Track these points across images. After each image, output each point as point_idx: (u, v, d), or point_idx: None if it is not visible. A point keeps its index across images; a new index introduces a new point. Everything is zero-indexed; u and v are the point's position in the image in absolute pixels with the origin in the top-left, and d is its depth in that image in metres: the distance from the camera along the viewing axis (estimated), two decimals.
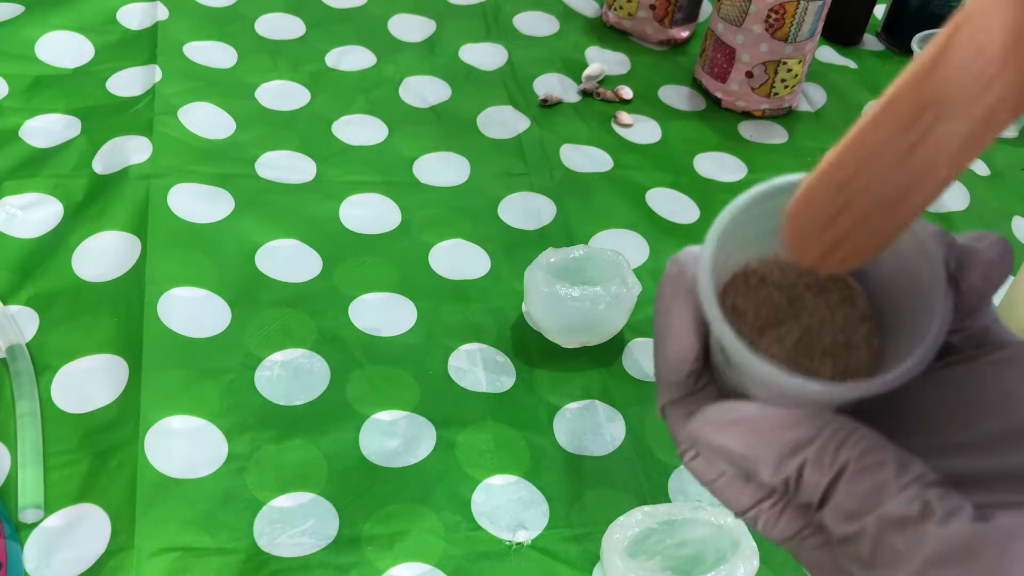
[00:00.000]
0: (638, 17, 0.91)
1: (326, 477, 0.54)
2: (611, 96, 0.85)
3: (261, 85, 0.79)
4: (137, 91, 0.75)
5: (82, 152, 0.70)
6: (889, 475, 0.24)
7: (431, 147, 0.77)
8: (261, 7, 0.87)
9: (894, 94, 0.23)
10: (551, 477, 0.56)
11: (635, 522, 0.50)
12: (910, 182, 0.23)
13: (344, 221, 0.69)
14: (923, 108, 0.22)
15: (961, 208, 0.80)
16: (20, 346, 0.56)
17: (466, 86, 0.83)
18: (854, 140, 0.23)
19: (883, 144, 0.23)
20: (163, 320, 0.59)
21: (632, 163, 0.79)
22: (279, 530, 0.51)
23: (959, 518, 0.23)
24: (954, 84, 0.22)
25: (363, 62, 0.84)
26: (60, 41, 0.79)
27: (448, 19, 0.90)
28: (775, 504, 0.27)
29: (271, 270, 0.64)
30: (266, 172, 0.71)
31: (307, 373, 0.58)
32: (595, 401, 0.60)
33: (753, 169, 0.81)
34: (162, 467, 0.52)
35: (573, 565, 0.52)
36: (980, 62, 0.22)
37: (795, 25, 0.80)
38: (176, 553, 0.49)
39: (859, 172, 0.23)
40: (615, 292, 0.59)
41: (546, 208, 0.73)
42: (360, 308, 0.63)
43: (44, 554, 0.48)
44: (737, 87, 0.84)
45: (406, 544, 0.51)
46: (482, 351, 0.62)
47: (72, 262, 0.62)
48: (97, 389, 0.56)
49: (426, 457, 0.55)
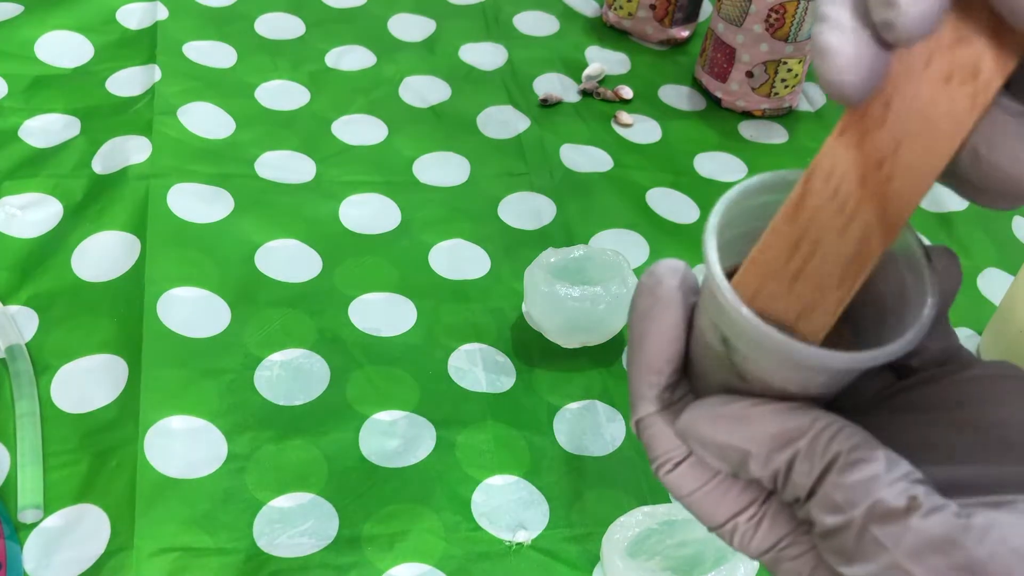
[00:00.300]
0: (638, 17, 0.91)
1: (326, 477, 0.53)
2: (611, 96, 0.85)
3: (261, 85, 0.79)
4: (137, 91, 0.75)
5: (82, 152, 0.70)
6: (879, 469, 0.24)
7: (431, 147, 0.77)
8: (261, 7, 0.87)
9: (772, 226, 0.25)
10: (551, 477, 0.55)
11: (635, 522, 0.50)
12: (806, 303, 0.25)
13: (344, 221, 0.69)
14: (798, 243, 0.24)
15: (960, 208, 0.80)
16: (20, 346, 0.56)
17: (466, 86, 0.83)
18: (752, 259, 0.25)
19: (774, 266, 0.25)
20: (163, 320, 0.59)
21: (632, 163, 0.79)
22: (279, 530, 0.51)
23: (943, 513, 0.23)
24: (818, 222, 0.24)
25: (363, 62, 0.84)
26: (60, 41, 0.79)
27: (448, 19, 0.90)
28: (752, 516, 0.27)
29: (271, 270, 0.64)
30: (266, 172, 0.71)
31: (307, 373, 0.58)
32: (595, 401, 0.60)
33: (753, 169, 0.81)
34: (162, 467, 0.52)
35: (573, 565, 0.52)
36: (836, 202, 0.24)
37: (795, 25, 0.80)
38: (176, 553, 0.49)
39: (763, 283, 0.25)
40: (615, 292, 0.59)
41: (546, 208, 0.73)
42: (360, 308, 0.63)
43: (44, 554, 0.48)
44: (737, 87, 0.84)
45: (406, 544, 0.51)
46: (482, 351, 0.62)
47: (72, 262, 0.62)
48: (97, 389, 0.56)
49: (426, 457, 0.55)
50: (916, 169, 0.23)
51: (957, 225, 0.78)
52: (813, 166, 0.24)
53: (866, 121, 0.23)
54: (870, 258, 0.24)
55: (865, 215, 0.24)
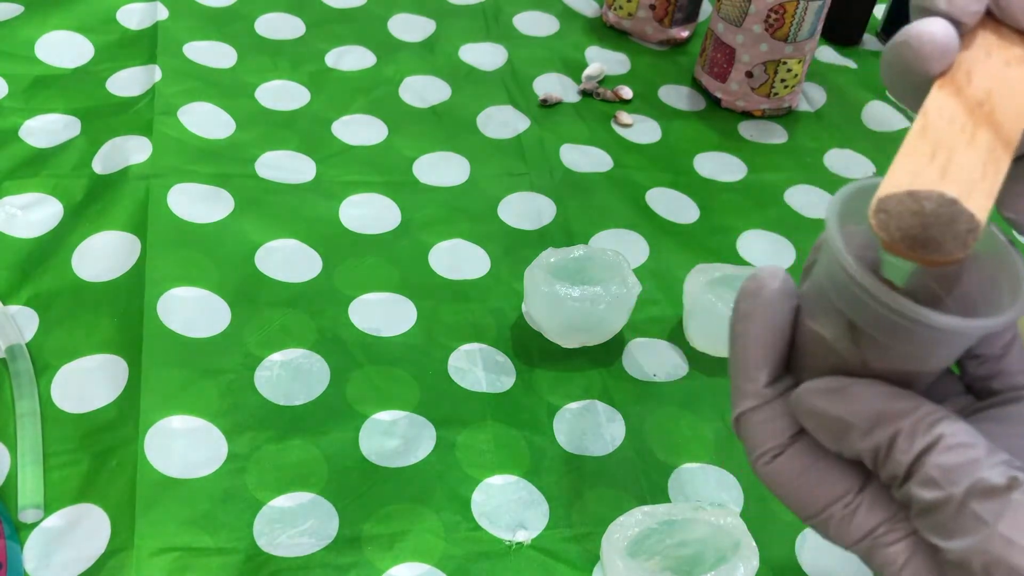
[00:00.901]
0: (638, 17, 0.91)
1: (326, 477, 0.54)
2: (611, 96, 0.85)
3: (261, 85, 0.79)
4: (137, 91, 0.75)
5: (82, 152, 0.70)
6: (980, 453, 0.26)
7: (431, 147, 0.77)
8: (261, 7, 0.87)
9: (906, 143, 0.29)
10: (551, 477, 0.56)
11: (635, 522, 0.50)
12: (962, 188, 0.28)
13: (344, 221, 0.69)
14: (934, 151, 0.29)
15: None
16: (20, 346, 0.56)
17: (466, 86, 0.83)
18: (896, 164, 0.29)
19: (921, 164, 0.29)
20: (163, 320, 0.59)
21: (632, 163, 0.79)
22: (279, 530, 0.51)
23: None
24: (946, 139, 0.29)
25: (363, 62, 0.84)
26: (60, 41, 0.79)
27: (448, 19, 0.90)
28: (849, 504, 0.29)
29: (271, 270, 0.64)
30: (266, 172, 0.71)
31: (307, 373, 0.58)
32: (595, 401, 0.60)
33: (753, 169, 0.81)
34: (162, 467, 0.52)
35: (573, 565, 0.52)
36: (956, 126, 0.29)
37: (795, 25, 0.80)
38: (176, 553, 0.49)
39: (914, 179, 0.29)
40: (615, 292, 0.59)
41: (546, 208, 0.73)
42: (360, 308, 0.63)
43: (44, 554, 0.48)
44: (737, 87, 0.84)
45: (406, 544, 0.51)
46: (482, 351, 0.62)
47: (72, 262, 0.62)
48: (97, 389, 0.56)
49: (426, 457, 0.55)
50: (1011, 104, 0.30)
51: None
52: (925, 107, 0.30)
53: (956, 83, 0.30)
54: (1002, 161, 0.29)
55: (984, 134, 0.29)
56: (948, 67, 0.30)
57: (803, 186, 0.80)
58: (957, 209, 0.28)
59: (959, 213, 0.27)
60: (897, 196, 0.28)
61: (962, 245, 0.27)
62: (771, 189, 0.79)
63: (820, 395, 0.28)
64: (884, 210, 0.28)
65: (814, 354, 0.31)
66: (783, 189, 0.79)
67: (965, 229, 0.27)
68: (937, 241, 0.27)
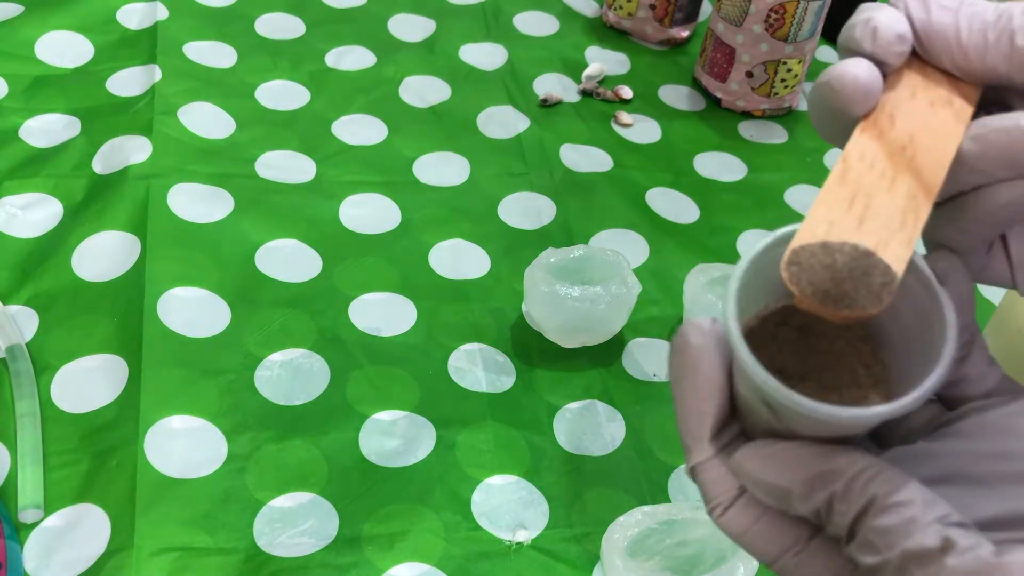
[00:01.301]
0: (638, 17, 0.91)
1: (326, 477, 0.53)
2: (611, 96, 0.85)
3: (261, 85, 0.79)
4: (137, 91, 0.75)
5: (82, 152, 0.70)
6: (915, 512, 0.25)
7: (431, 147, 0.77)
8: (261, 7, 0.87)
9: (825, 188, 0.29)
10: (551, 477, 0.56)
11: (635, 522, 0.50)
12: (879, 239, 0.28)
13: (344, 221, 0.69)
14: (852, 198, 0.28)
15: None
16: (20, 346, 0.56)
17: (466, 86, 0.83)
18: (813, 212, 0.28)
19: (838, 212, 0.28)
20: (163, 320, 0.59)
21: (632, 163, 0.79)
22: (279, 530, 0.51)
23: (976, 552, 0.25)
24: (865, 184, 0.28)
25: (363, 62, 0.84)
26: (60, 41, 0.79)
27: (448, 19, 0.90)
28: (799, 553, 0.29)
29: (271, 270, 0.64)
30: (266, 172, 0.71)
31: (307, 373, 0.58)
32: (595, 401, 0.60)
33: (753, 169, 0.81)
34: (162, 467, 0.52)
35: (573, 565, 0.52)
36: (876, 172, 0.28)
37: (795, 25, 0.80)
38: (176, 553, 0.49)
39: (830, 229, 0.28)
40: (615, 292, 0.59)
41: (546, 208, 0.73)
42: (360, 308, 0.63)
43: (44, 554, 0.48)
44: (737, 87, 0.84)
45: (406, 544, 0.51)
46: (482, 351, 0.62)
47: (72, 262, 0.62)
48: (97, 389, 0.56)
49: (426, 457, 0.55)
50: (934, 148, 0.29)
51: None
52: (846, 151, 0.29)
53: (878, 125, 0.29)
54: (922, 209, 0.28)
55: (905, 179, 0.28)
56: (871, 109, 0.29)
57: (803, 186, 0.80)
58: (872, 262, 0.27)
59: (874, 266, 0.26)
60: (810, 248, 0.27)
61: (876, 300, 0.26)
62: (771, 189, 0.79)
63: (754, 461, 0.28)
64: (796, 263, 0.27)
65: (748, 412, 0.30)
66: (783, 189, 0.79)
67: (880, 283, 0.26)
68: (850, 296, 0.26)
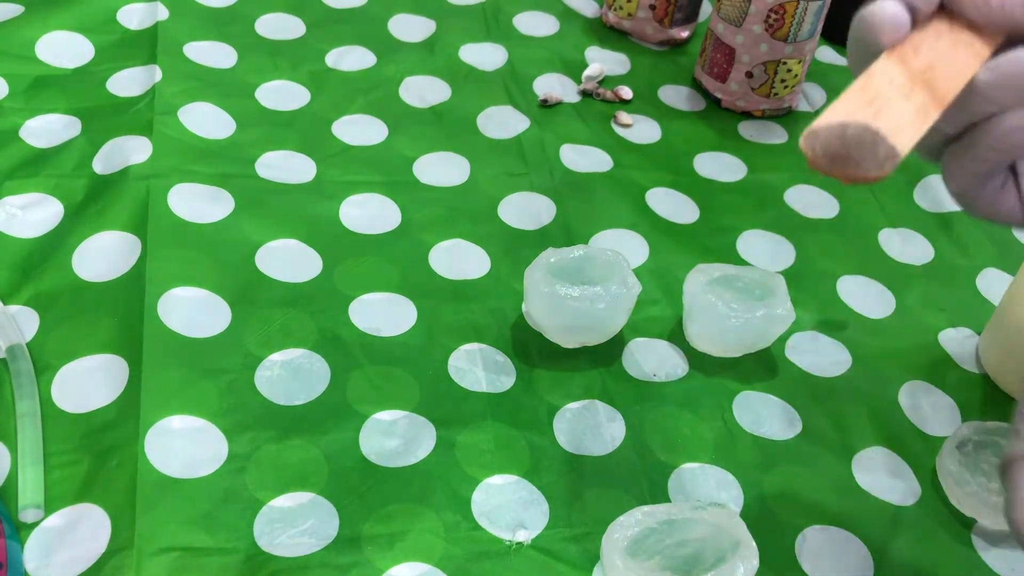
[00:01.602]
0: (638, 17, 0.91)
1: (326, 477, 0.54)
2: (611, 96, 0.85)
3: (261, 85, 0.79)
4: (137, 91, 0.76)
5: (82, 152, 0.70)
6: None
7: (431, 147, 0.77)
8: (261, 7, 0.87)
9: (847, 91, 0.32)
10: (551, 477, 0.56)
11: (635, 522, 0.50)
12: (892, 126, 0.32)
13: (344, 221, 0.69)
14: (872, 99, 0.32)
15: (960, 209, 0.80)
16: (20, 346, 0.56)
17: (466, 86, 0.83)
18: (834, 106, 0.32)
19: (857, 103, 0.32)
20: (163, 320, 0.59)
21: (632, 163, 0.79)
22: (279, 530, 0.51)
23: None
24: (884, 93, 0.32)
25: (363, 62, 0.84)
26: (60, 41, 0.79)
27: (448, 19, 0.90)
28: None
29: (271, 270, 0.64)
30: (266, 172, 0.71)
31: (307, 373, 0.58)
32: (595, 401, 0.60)
33: (753, 169, 0.81)
34: (162, 467, 0.52)
35: (573, 565, 0.52)
36: (895, 86, 0.33)
37: (795, 25, 0.80)
38: (176, 553, 0.49)
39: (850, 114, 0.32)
40: (615, 292, 0.59)
41: (546, 208, 0.73)
42: (360, 308, 0.63)
43: (44, 554, 0.48)
44: (737, 87, 0.85)
45: (406, 544, 0.51)
46: (482, 351, 0.62)
47: (72, 262, 0.62)
48: (97, 389, 0.56)
49: (426, 457, 0.55)
50: (950, 75, 0.33)
51: (957, 225, 0.78)
52: (870, 69, 0.33)
53: (903, 55, 0.34)
54: (931, 114, 0.32)
55: (920, 93, 0.32)
56: (898, 41, 0.34)
57: (803, 186, 0.80)
58: (880, 138, 0.31)
59: (881, 141, 0.31)
60: (828, 125, 0.31)
61: (879, 166, 0.31)
62: (771, 189, 0.79)
63: None
64: (813, 133, 0.31)
65: None
66: (783, 189, 0.79)
67: (884, 155, 0.31)
68: (855, 160, 0.31)
